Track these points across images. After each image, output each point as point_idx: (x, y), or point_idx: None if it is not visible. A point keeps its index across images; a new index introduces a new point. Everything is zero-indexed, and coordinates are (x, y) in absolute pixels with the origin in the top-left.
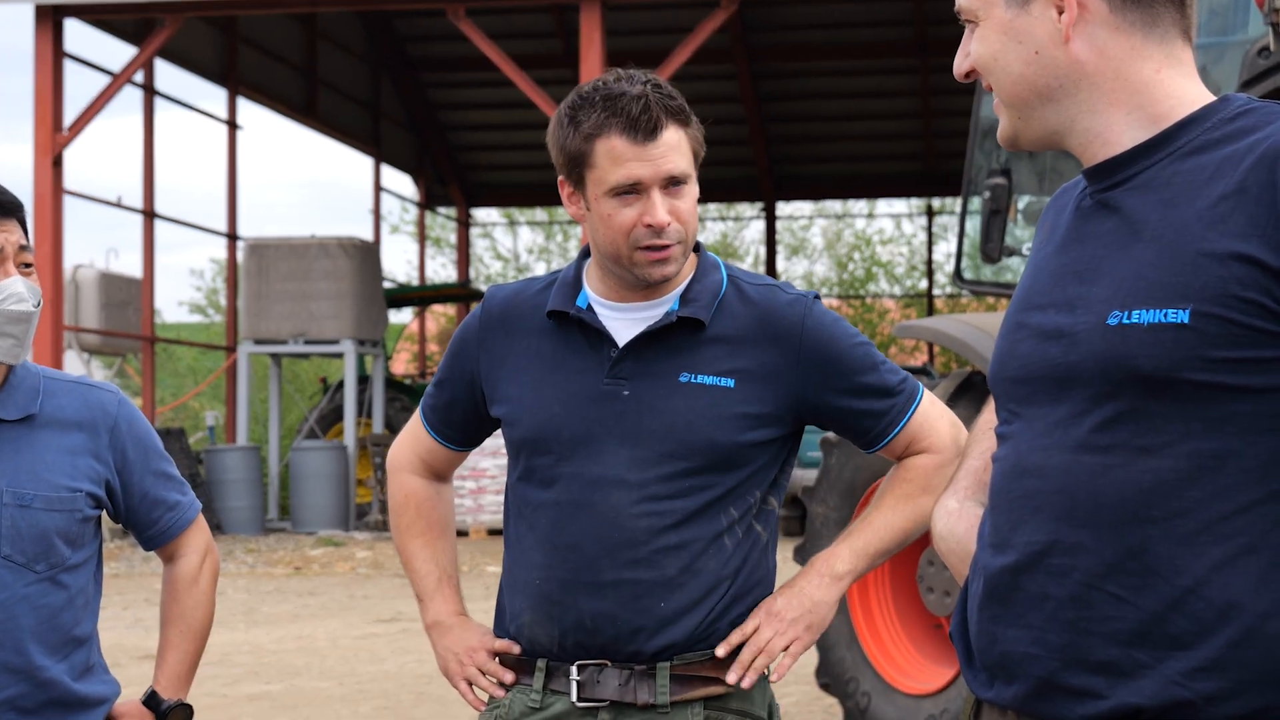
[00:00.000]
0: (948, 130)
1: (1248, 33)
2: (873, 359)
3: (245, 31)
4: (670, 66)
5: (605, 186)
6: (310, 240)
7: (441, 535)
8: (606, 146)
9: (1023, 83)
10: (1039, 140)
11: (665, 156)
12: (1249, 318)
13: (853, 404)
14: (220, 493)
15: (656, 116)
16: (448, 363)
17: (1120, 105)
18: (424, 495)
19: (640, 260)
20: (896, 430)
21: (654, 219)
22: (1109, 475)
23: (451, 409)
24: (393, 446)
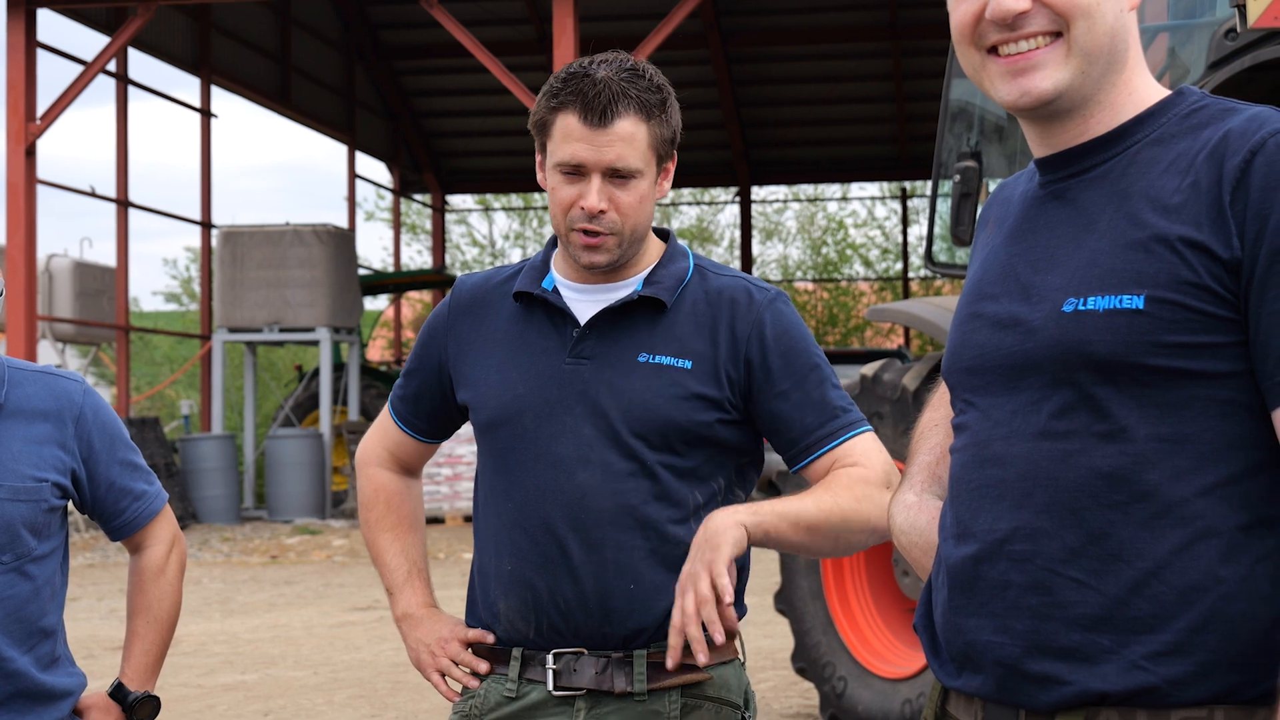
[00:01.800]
0: (920, 114)
1: (1215, 15)
2: (823, 374)
3: (218, 19)
4: (643, 51)
5: (554, 160)
6: (285, 228)
7: (411, 529)
8: (563, 122)
9: (1109, 36)
10: (1073, 102)
11: (612, 146)
12: (1201, 303)
13: (787, 409)
14: (196, 482)
15: (610, 104)
16: (417, 352)
17: (1128, 85)
18: (393, 489)
19: (574, 241)
20: (826, 449)
21: (587, 203)
22: (1068, 461)
23: (420, 399)
24: (362, 441)
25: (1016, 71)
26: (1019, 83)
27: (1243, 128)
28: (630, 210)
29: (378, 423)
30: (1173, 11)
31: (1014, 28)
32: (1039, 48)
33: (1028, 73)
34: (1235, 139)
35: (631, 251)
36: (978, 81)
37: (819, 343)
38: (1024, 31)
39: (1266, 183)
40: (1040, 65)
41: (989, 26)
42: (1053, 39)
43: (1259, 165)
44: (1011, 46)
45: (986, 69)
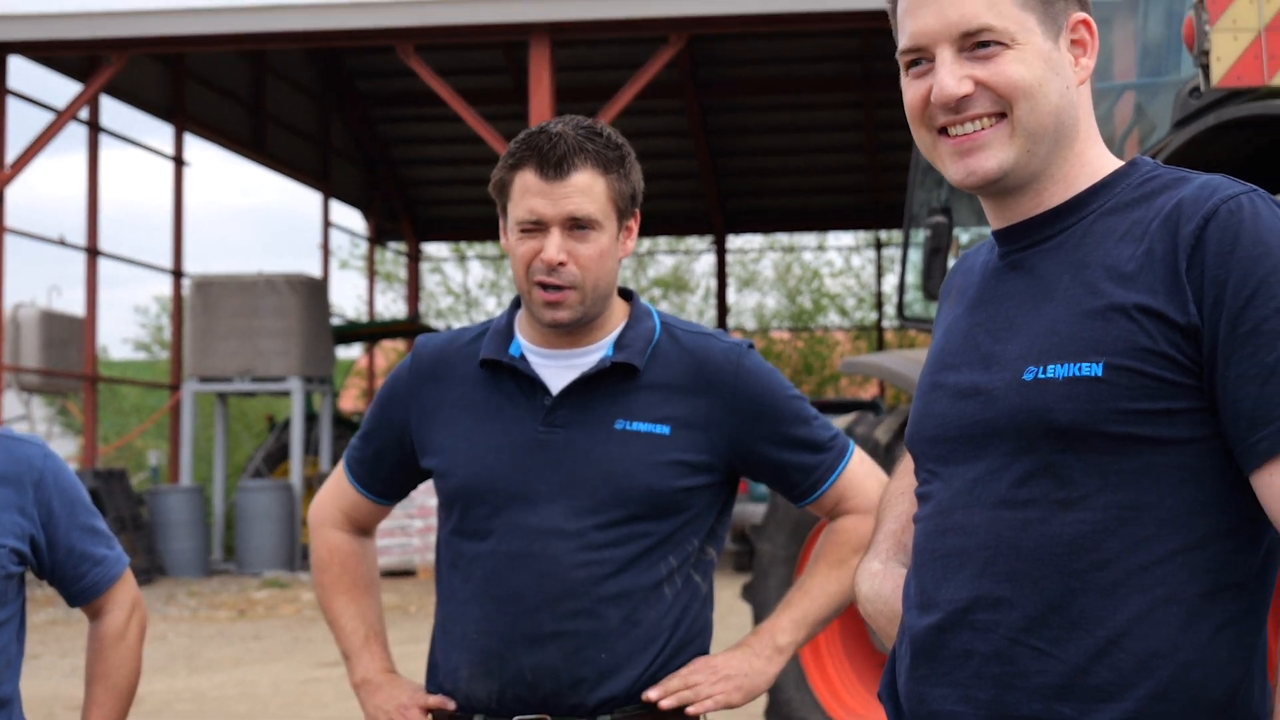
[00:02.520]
0: (893, 164)
1: (1180, 73)
2: (805, 413)
3: (192, 67)
4: (619, 102)
5: (514, 218)
6: (257, 277)
7: (366, 591)
8: (521, 179)
9: (1054, 115)
10: (1021, 180)
11: (570, 197)
12: (1160, 370)
13: (783, 456)
14: (163, 534)
15: (567, 156)
16: (375, 414)
17: (1081, 158)
18: (348, 551)
19: (536, 298)
20: (825, 486)
21: (546, 255)
22: (1029, 529)
23: (379, 461)
24: (314, 501)
25: (963, 152)
26: (965, 163)
27: (1195, 195)
28: (590, 264)
29: (331, 483)
30: (1140, 69)
31: (958, 110)
32: (984, 129)
33: (974, 153)
34: (1188, 206)
35: (594, 309)
36: (931, 159)
37: None
38: (968, 114)
39: (1221, 248)
40: (985, 146)
41: (936, 109)
42: (997, 120)
43: (1213, 232)
44: (958, 128)
45: (938, 149)
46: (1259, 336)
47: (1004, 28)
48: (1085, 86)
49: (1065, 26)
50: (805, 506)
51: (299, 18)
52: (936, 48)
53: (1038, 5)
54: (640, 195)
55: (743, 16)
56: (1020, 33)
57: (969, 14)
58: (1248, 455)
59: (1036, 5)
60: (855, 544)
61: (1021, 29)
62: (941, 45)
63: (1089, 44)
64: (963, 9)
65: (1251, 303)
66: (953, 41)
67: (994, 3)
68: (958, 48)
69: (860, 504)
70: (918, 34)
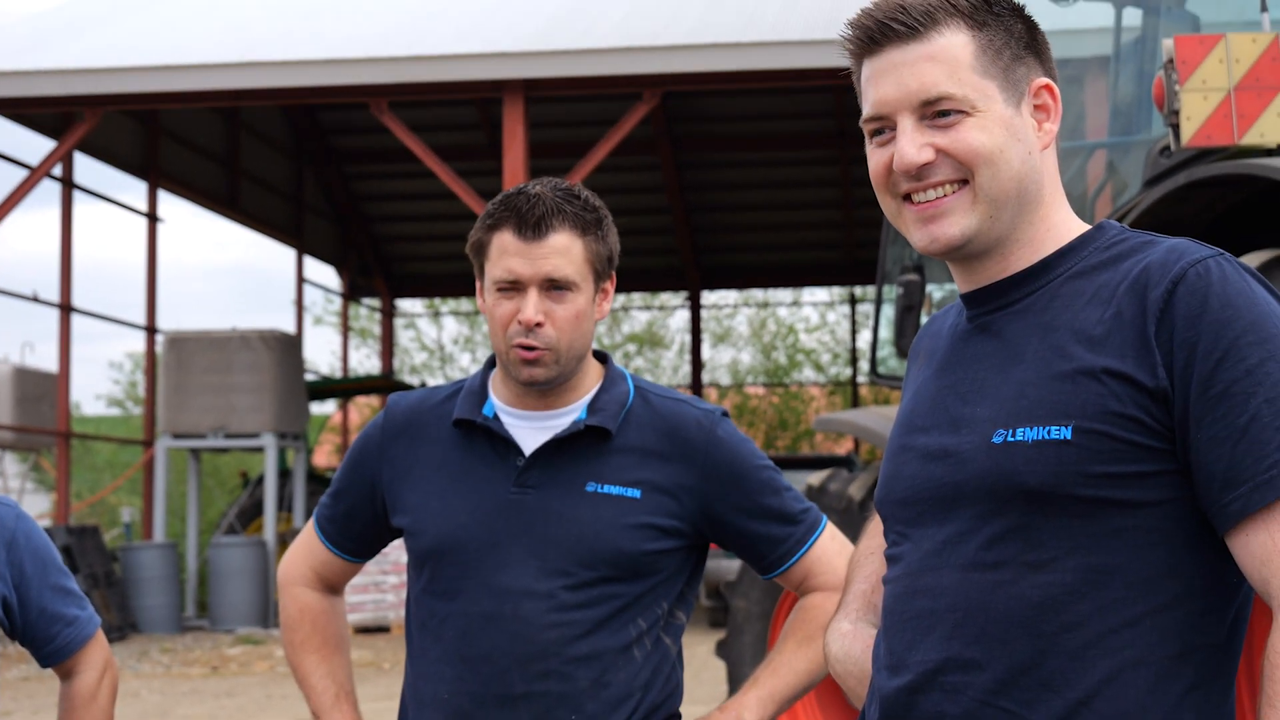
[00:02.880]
0: (868, 220)
1: (1151, 133)
2: (776, 483)
3: (166, 124)
4: (594, 158)
5: (491, 279)
6: (231, 333)
7: (337, 650)
8: (499, 240)
9: (1015, 181)
10: (985, 245)
11: (548, 258)
12: (1129, 433)
13: (752, 526)
14: (136, 591)
15: (545, 217)
16: (346, 473)
17: (1046, 222)
18: (318, 609)
19: (514, 358)
20: (794, 560)
21: (524, 315)
22: (999, 592)
23: (350, 520)
24: (284, 559)
25: (926, 219)
26: (929, 229)
27: (1162, 259)
28: (567, 325)
29: (301, 541)
30: (1111, 128)
31: (920, 178)
32: (946, 196)
33: (936, 220)
34: (1156, 270)
35: (569, 370)
36: (897, 225)
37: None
38: (930, 181)
39: (1190, 312)
40: (948, 213)
41: (899, 176)
42: (959, 186)
43: (1181, 295)
44: (921, 195)
45: (902, 215)
46: (1230, 399)
47: (964, 96)
48: (1050, 151)
49: (1027, 92)
50: (773, 578)
51: (273, 75)
52: (898, 116)
53: (998, 72)
54: (617, 257)
55: (717, 73)
56: (980, 100)
57: (928, 83)
58: (1221, 516)
59: (997, 72)
60: (824, 622)
61: (982, 96)
62: (902, 114)
63: (1052, 108)
64: (922, 78)
65: (1222, 365)
66: (913, 110)
67: (953, 71)
68: (918, 116)
69: (829, 581)
70: (879, 103)
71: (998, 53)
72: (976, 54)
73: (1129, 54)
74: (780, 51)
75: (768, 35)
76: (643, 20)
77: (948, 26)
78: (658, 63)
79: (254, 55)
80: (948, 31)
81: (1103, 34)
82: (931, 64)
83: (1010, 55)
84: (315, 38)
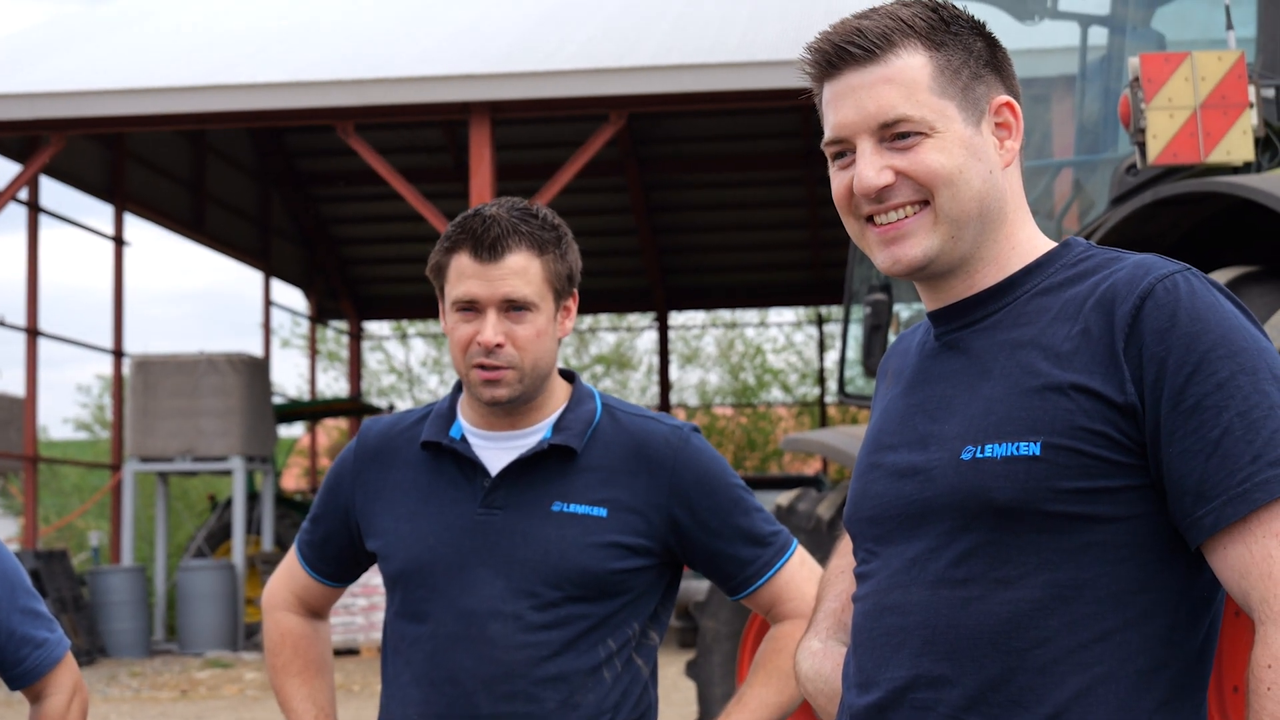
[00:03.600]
0: (834, 239)
1: (1117, 151)
2: (746, 503)
3: (132, 147)
4: (560, 180)
5: (450, 300)
6: (198, 356)
7: (319, 674)
8: (456, 262)
9: (977, 201)
10: (948, 265)
11: (505, 279)
12: (1097, 449)
13: (720, 545)
14: (105, 615)
15: (501, 238)
16: (323, 498)
17: (1010, 240)
18: (300, 633)
19: (475, 379)
20: (761, 581)
21: (482, 337)
22: (968, 608)
23: (328, 544)
24: (268, 584)
25: (888, 240)
26: (891, 251)
27: (1130, 275)
28: (528, 344)
29: (284, 565)
30: (1077, 146)
31: (881, 200)
32: (907, 217)
33: (898, 241)
34: (1123, 286)
35: (533, 389)
36: (861, 247)
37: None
38: (891, 203)
39: (1159, 326)
40: (909, 234)
41: (860, 199)
42: (920, 208)
43: (1150, 310)
44: (882, 217)
45: (865, 237)
46: (1201, 412)
47: (921, 117)
48: (1013, 168)
49: (988, 110)
50: (740, 600)
51: (239, 98)
52: (857, 139)
53: (956, 92)
54: (578, 275)
55: (683, 94)
56: (939, 121)
57: (885, 105)
58: (1195, 530)
59: (955, 92)
60: (794, 651)
61: (940, 117)
62: (861, 137)
63: (1013, 126)
64: (880, 101)
65: (1193, 379)
66: (872, 133)
67: (910, 93)
68: (877, 139)
69: (800, 608)
70: (839, 126)
71: (955, 72)
72: (934, 74)
73: (1095, 72)
74: (746, 72)
75: (733, 56)
76: (608, 42)
77: (904, 48)
78: (623, 84)
79: (220, 78)
80: (904, 53)
81: (1069, 53)
82: (889, 86)
83: (969, 74)
84: (281, 60)
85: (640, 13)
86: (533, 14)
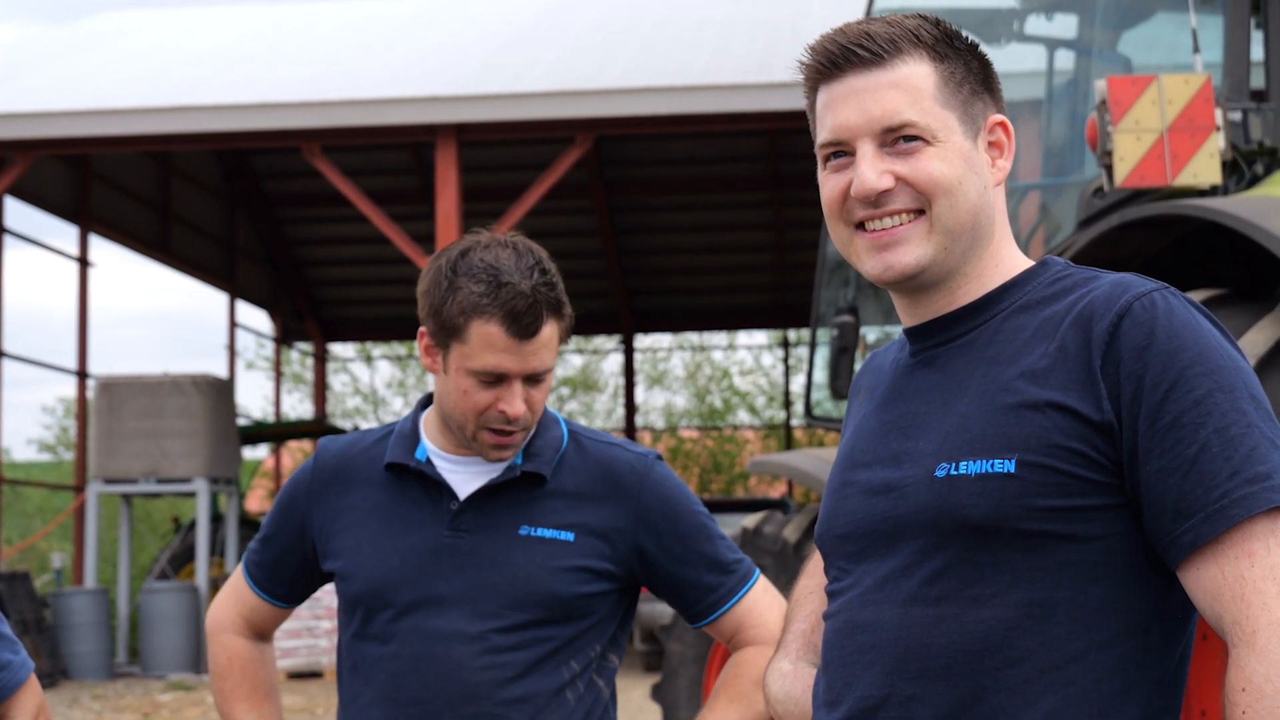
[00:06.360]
0: (801, 263)
1: (1083, 174)
2: (710, 530)
3: (98, 168)
4: (527, 202)
5: (471, 365)
6: (162, 378)
7: (267, 697)
8: (483, 331)
9: (972, 213)
10: (938, 276)
11: (537, 354)
12: (1073, 467)
13: (684, 571)
14: (67, 637)
15: (538, 318)
16: (276, 517)
17: (995, 257)
18: (248, 657)
19: (484, 440)
20: (724, 609)
21: (511, 409)
22: (941, 626)
23: (280, 565)
24: (212, 607)
25: (881, 247)
26: (883, 257)
27: (1107, 293)
28: (540, 403)
29: (230, 588)
30: (1044, 169)
31: (878, 205)
32: (902, 224)
33: (891, 248)
34: (1100, 304)
35: (527, 439)
36: (846, 255)
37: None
38: (887, 209)
39: (1136, 344)
40: (903, 241)
41: (855, 203)
42: (916, 216)
43: (1127, 328)
44: (876, 223)
45: (854, 243)
46: (1179, 430)
47: (926, 125)
48: (1001, 188)
49: (984, 127)
50: (702, 628)
51: (204, 119)
52: (858, 142)
53: (959, 105)
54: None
55: (650, 117)
56: (941, 130)
57: (891, 110)
58: (1172, 549)
59: (958, 105)
60: (756, 677)
61: (943, 127)
62: (863, 140)
63: (1005, 145)
64: (885, 105)
65: (1170, 396)
66: (874, 136)
67: (916, 100)
68: (879, 143)
69: (761, 635)
70: (838, 128)
71: (958, 86)
72: (939, 85)
73: (1062, 95)
74: (713, 95)
75: (700, 79)
76: (575, 64)
77: (911, 56)
78: (590, 106)
79: (185, 99)
80: (911, 61)
81: (1035, 77)
82: (895, 91)
83: (969, 90)
84: (247, 81)
85: (607, 35)
86: (499, 36)
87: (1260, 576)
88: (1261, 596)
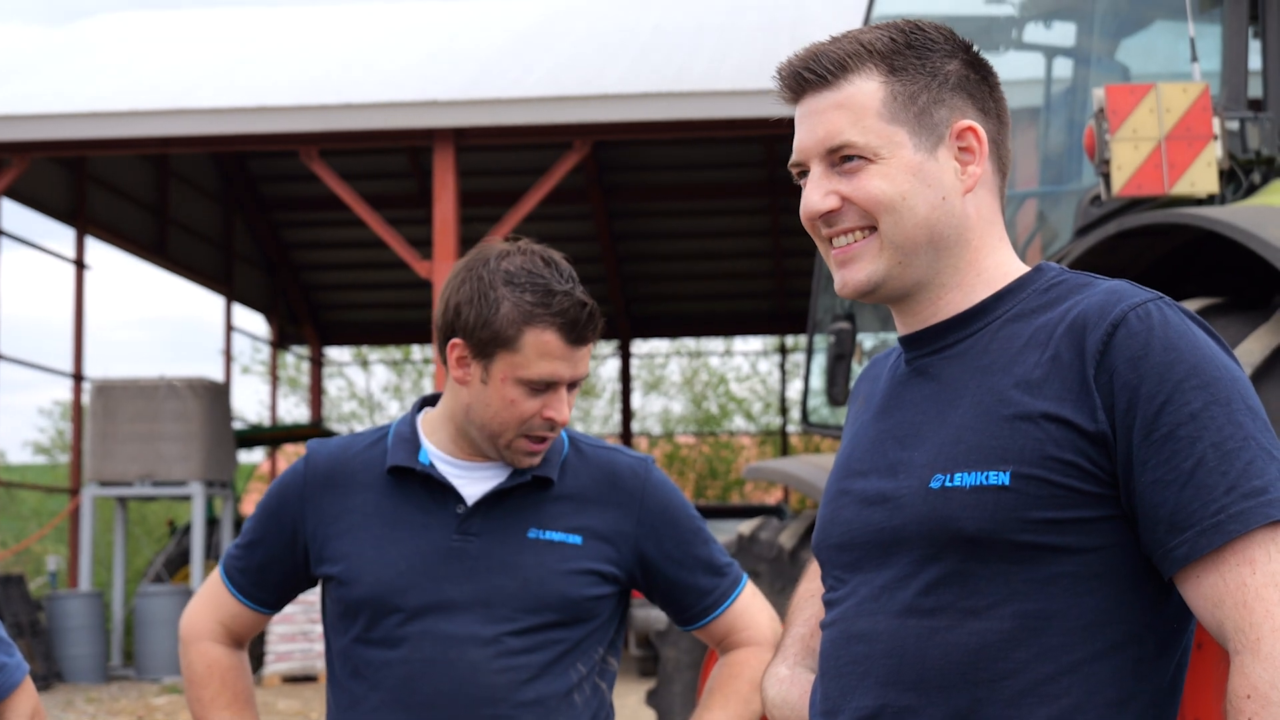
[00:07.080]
0: (798, 269)
1: (1081, 182)
2: (705, 534)
3: (95, 171)
4: (524, 207)
5: (522, 374)
6: (158, 381)
7: (247, 705)
8: (538, 339)
9: (924, 227)
10: (900, 290)
11: (584, 360)
12: (1067, 479)
13: (681, 574)
14: (61, 640)
15: (591, 324)
16: (263, 522)
17: (974, 266)
18: (227, 665)
19: (519, 446)
20: (718, 612)
21: (558, 415)
22: (936, 638)
23: (266, 570)
24: (186, 613)
25: (840, 263)
26: (841, 273)
27: (1102, 302)
28: (571, 408)
29: (206, 595)
30: (1042, 177)
31: (830, 224)
32: (855, 241)
33: (847, 264)
34: (1094, 313)
35: None
36: (828, 265)
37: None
38: (840, 227)
39: (1132, 355)
40: (857, 258)
41: (817, 222)
42: (868, 233)
43: (1122, 338)
44: (837, 240)
45: (828, 258)
46: (1174, 442)
47: (865, 143)
48: (979, 193)
49: (948, 135)
50: (693, 631)
51: (202, 122)
52: (810, 162)
53: (909, 118)
54: None
55: (648, 123)
56: (884, 148)
57: (832, 131)
58: (1167, 561)
59: (908, 118)
60: (750, 678)
61: (887, 144)
62: (813, 160)
63: (978, 150)
64: (828, 126)
65: (1165, 409)
66: (822, 157)
67: (858, 119)
68: (827, 163)
69: (753, 636)
70: (797, 148)
71: (911, 98)
72: (885, 100)
73: (1060, 104)
74: (711, 101)
75: (698, 85)
76: (573, 69)
77: (859, 74)
78: (588, 112)
79: (183, 102)
80: (858, 79)
81: (1033, 85)
82: (838, 112)
83: (928, 99)
84: (245, 85)
85: (606, 40)
86: (498, 41)
87: (1262, 583)
88: (1264, 603)
